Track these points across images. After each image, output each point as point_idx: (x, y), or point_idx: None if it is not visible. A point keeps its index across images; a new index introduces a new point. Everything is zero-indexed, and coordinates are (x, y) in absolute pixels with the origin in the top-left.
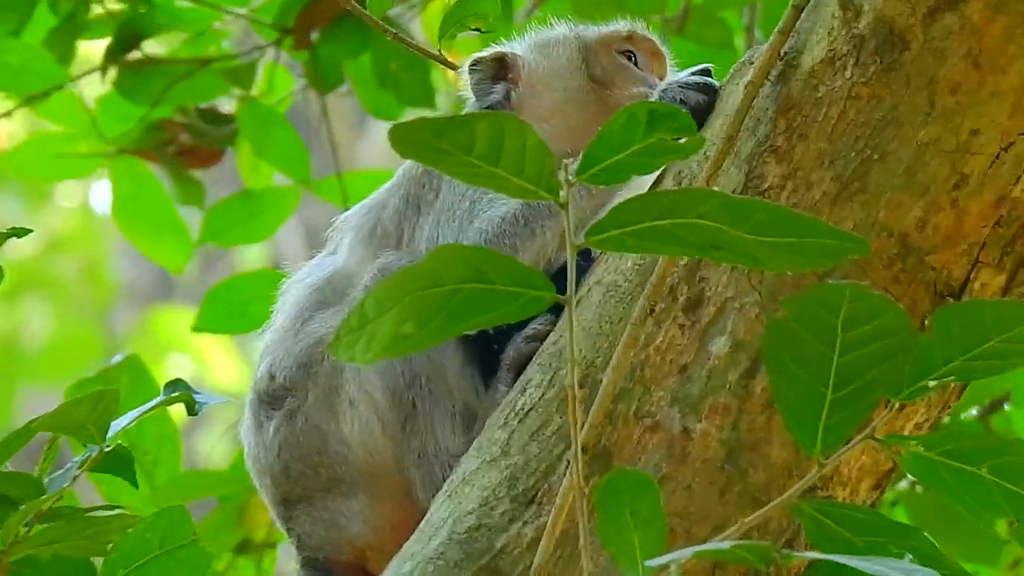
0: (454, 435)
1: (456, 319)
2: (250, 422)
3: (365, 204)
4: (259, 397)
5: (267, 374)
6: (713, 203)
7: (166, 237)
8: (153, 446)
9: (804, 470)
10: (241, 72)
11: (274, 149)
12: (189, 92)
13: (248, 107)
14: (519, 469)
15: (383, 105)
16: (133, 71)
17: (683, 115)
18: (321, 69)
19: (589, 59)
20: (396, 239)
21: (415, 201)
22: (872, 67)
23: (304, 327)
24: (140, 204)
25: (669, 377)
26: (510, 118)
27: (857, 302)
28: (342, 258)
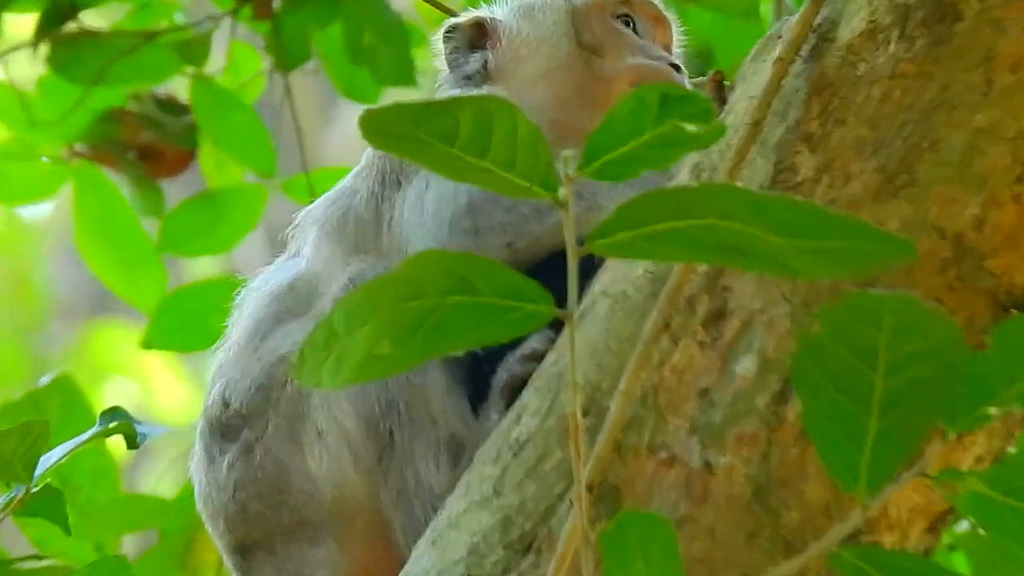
0: (438, 471)
1: (439, 337)
2: (201, 456)
3: (330, 195)
4: (211, 427)
5: (220, 400)
6: (737, 201)
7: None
8: (87, 482)
9: (845, 511)
10: (194, 47)
11: (234, 138)
12: (135, 70)
13: (203, 88)
14: (514, 511)
15: (356, 84)
16: (68, 46)
17: (700, 98)
18: (285, 42)
19: (579, 24)
20: (374, 228)
21: (392, 178)
22: (919, 41)
23: (263, 343)
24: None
25: (687, 402)
26: (499, 101)
27: (904, 315)
28: (306, 259)
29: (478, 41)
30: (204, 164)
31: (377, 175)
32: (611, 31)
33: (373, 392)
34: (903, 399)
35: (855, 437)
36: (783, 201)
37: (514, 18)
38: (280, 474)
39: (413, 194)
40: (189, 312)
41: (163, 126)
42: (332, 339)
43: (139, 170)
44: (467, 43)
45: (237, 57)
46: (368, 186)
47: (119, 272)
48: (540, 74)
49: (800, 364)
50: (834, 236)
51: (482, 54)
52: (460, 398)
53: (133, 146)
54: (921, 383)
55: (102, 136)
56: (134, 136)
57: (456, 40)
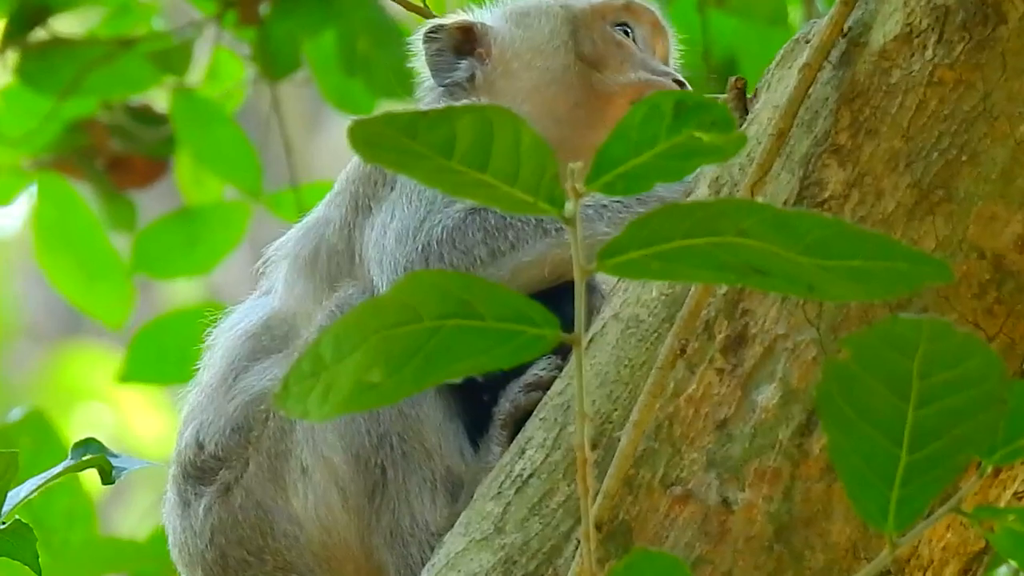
0: (435, 508)
1: (436, 364)
2: (174, 502)
3: (301, 226)
4: (184, 471)
5: (193, 443)
6: (759, 217)
7: (101, 282)
8: (62, 523)
9: (873, 550)
10: (174, 55)
11: (216, 153)
12: (110, 81)
13: (183, 99)
14: (517, 550)
15: (349, 95)
16: (38, 55)
17: (718, 107)
18: (272, 50)
19: (578, 33)
20: (348, 258)
21: (365, 204)
22: (959, 46)
23: (238, 382)
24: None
25: (704, 435)
26: (499, 110)
27: (938, 341)
28: (279, 297)
29: (464, 46)
30: (181, 179)
31: (350, 200)
32: (611, 42)
33: (363, 424)
34: (937, 431)
35: (885, 472)
36: (809, 218)
37: (506, 24)
38: (262, 517)
39: (379, 224)
40: (169, 343)
41: (134, 136)
42: (319, 367)
43: (107, 181)
44: (452, 47)
45: (220, 66)
46: (341, 214)
47: (82, 286)
48: (533, 88)
49: (826, 394)
50: (864, 256)
51: (469, 63)
52: (457, 430)
53: (100, 156)
54: (956, 414)
55: (69, 147)
56: (103, 147)
57: (440, 42)
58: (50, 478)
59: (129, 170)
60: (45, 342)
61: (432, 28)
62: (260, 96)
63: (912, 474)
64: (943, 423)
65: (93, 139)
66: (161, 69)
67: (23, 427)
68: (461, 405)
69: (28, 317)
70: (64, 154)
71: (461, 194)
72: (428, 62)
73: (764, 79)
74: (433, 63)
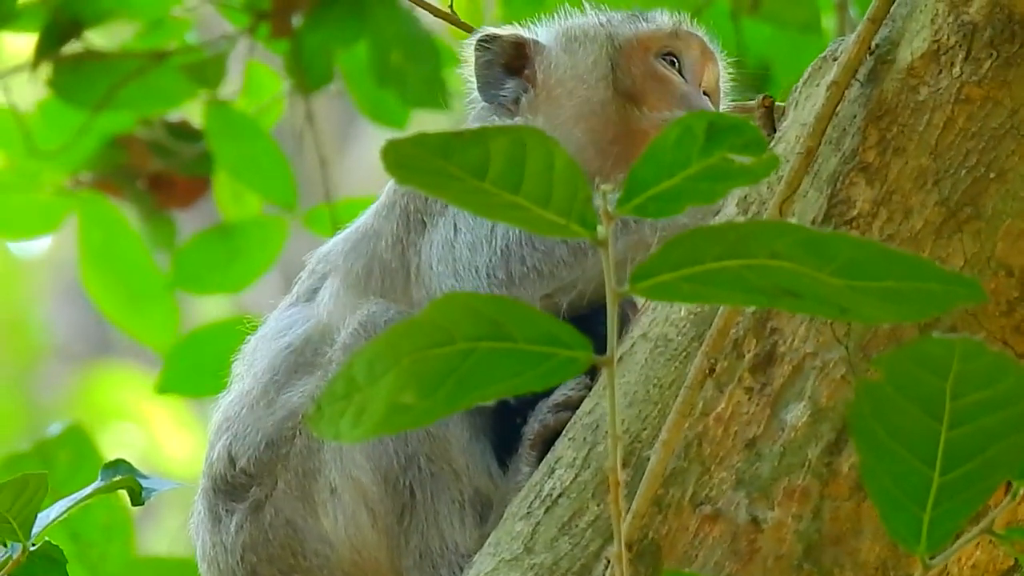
0: (463, 528)
1: (469, 387)
2: (204, 517)
3: (348, 236)
4: (215, 485)
5: (226, 456)
6: (791, 239)
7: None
8: (100, 537)
9: (903, 570)
10: (208, 68)
11: (251, 167)
12: (143, 94)
13: (217, 113)
14: (546, 570)
15: (383, 107)
16: (71, 68)
17: (751, 128)
18: (306, 62)
19: (619, 65)
20: (403, 276)
21: (417, 219)
22: (987, 63)
23: (279, 397)
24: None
25: (733, 454)
26: (533, 132)
27: (970, 361)
28: (325, 309)
29: (515, 63)
30: (219, 194)
31: (401, 215)
32: (652, 76)
33: (391, 445)
34: (970, 451)
35: (917, 492)
36: (841, 239)
37: (556, 46)
38: (292, 536)
39: (440, 240)
40: (204, 355)
41: (174, 153)
42: (352, 389)
43: (149, 200)
44: (503, 62)
45: (254, 79)
46: (391, 228)
47: (128, 309)
48: (575, 118)
49: (858, 414)
50: (896, 277)
51: (517, 85)
52: (484, 450)
53: (142, 175)
54: (988, 434)
55: (108, 164)
56: (143, 164)
57: (492, 54)
58: (80, 499)
59: (171, 189)
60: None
61: (485, 38)
62: (293, 109)
63: (944, 495)
64: (976, 444)
65: (132, 156)
66: (195, 82)
67: (62, 442)
68: (488, 425)
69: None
70: (104, 172)
71: (493, 216)
72: (477, 73)
73: (792, 97)
74: (482, 75)
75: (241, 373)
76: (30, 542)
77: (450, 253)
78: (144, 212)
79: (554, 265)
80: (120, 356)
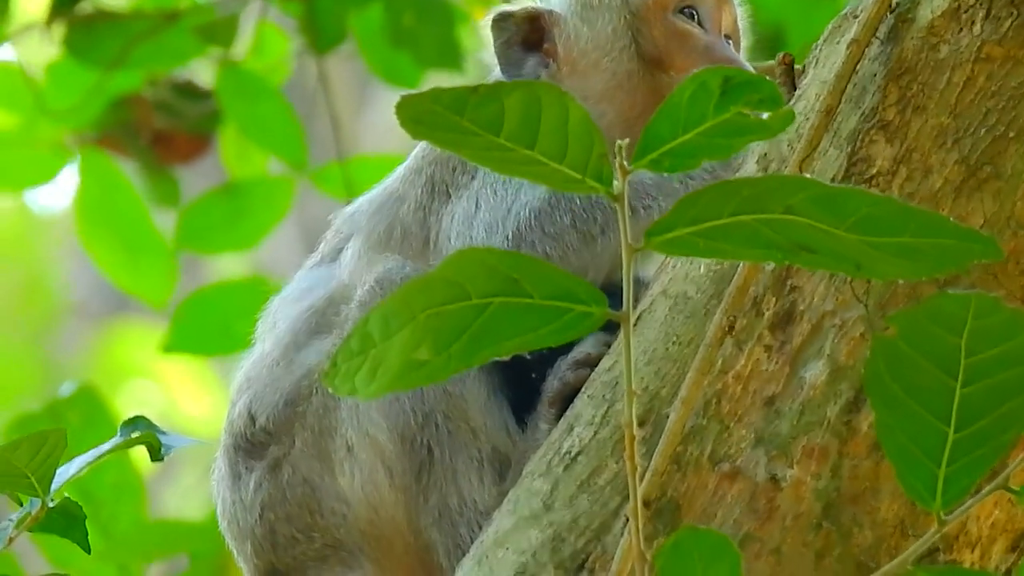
0: (482, 486)
1: (484, 342)
2: (225, 474)
3: (374, 198)
4: (236, 443)
5: (246, 414)
6: (807, 194)
7: (144, 259)
8: (111, 496)
9: (921, 528)
10: (219, 28)
11: (262, 126)
12: (155, 53)
13: (229, 73)
14: (565, 528)
15: (396, 68)
16: (84, 28)
17: (767, 83)
18: (319, 23)
19: (639, 31)
20: (422, 241)
21: (442, 188)
22: (1007, 22)
23: (298, 356)
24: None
25: (752, 412)
26: (548, 87)
27: (986, 318)
28: (347, 270)
29: (533, 35)
30: (225, 153)
31: (426, 183)
32: (674, 35)
33: (407, 403)
34: (984, 408)
35: (932, 449)
36: (857, 195)
37: (571, 16)
38: (309, 494)
39: (461, 214)
40: (213, 315)
41: (178, 111)
42: (367, 345)
43: (150, 157)
44: (521, 37)
45: (265, 39)
46: (416, 194)
47: (125, 265)
48: (603, 91)
49: (874, 371)
50: (913, 233)
51: (538, 59)
52: (502, 408)
53: (144, 132)
54: (1004, 390)
55: (113, 122)
56: (147, 122)
57: (508, 32)
58: (99, 455)
59: (173, 146)
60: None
61: (500, 17)
62: (306, 70)
63: (960, 452)
64: (991, 400)
65: (137, 114)
66: (206, 42)
67: (73, 402)
68: (506, 381)
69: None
70: (108, 130)
71: (509, 171)
72: (497, 53)
73: (812, 55)
74: (503, 56)
75: (263, 334)
76: (49, 498)
77: (468, 230)
78: (146, 169)
79: (564, 250)
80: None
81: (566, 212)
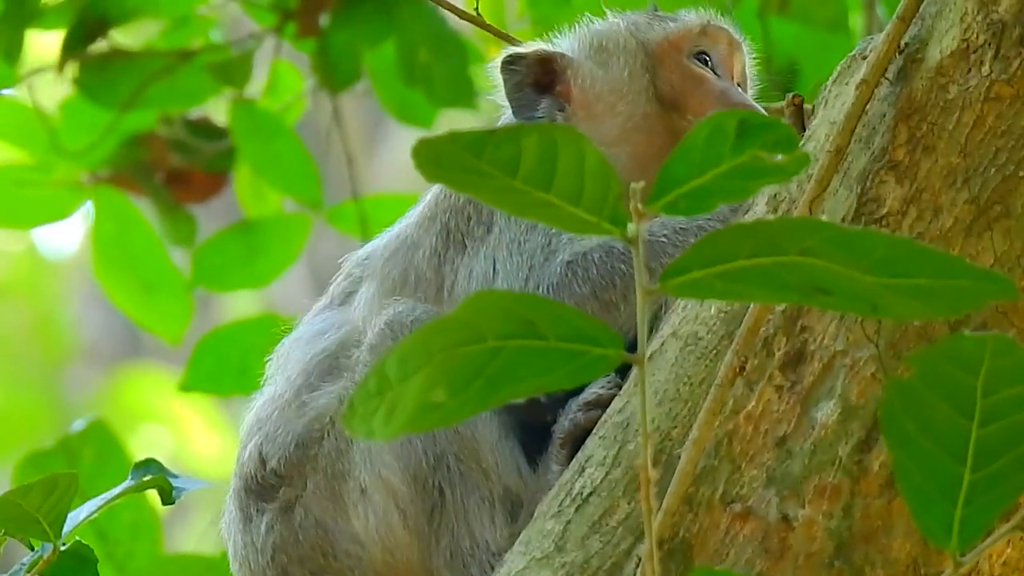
0: (494, 527)
1: (499, 384)
2: (236, 516)
3: (388, 243)
4: (246, 485)
5: (257, 456)
6: (823, 236)
7: (160, 296)
8: (127, 535)
9: (935, 567)
10: (234, 67)
11: (276, 165)
12: (169, 93)
13: (243, 112)
14: (577, 568)
15: (410, 106)
16: (97, 67)
17: (782, 125)
18: (333, 61)
19: (656, 73)
20: (435, 288)
21: (457, 238)
22: (1016, 61)
23: (309, 399)
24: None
25: (764, 452)
26: (565, 130)
27: (1002, 358)
28: (360, 314)
29: (544, 78)
30: (240, 192)
31: (441, 231)
32: (689, 77)
33: (419, 445)
34: (1000, 448)
35: (948, 490)
36: (873, 237)
37: (585, 59)
38: (323, 536)
39: (479, 274)
40: (229, 354)
41: (194, 150)
42: (384, 387)
43: (166, 196)
44: (533, 79)
45: (279, 77)
46: (431, 242)
47: (141, 301)
48: (618, 134)
49: (889, 412)
50: (929, 274)
51: (552, 102)
52: (513, 448)
53: (160, 170)
54: (1020, 430)
55: (127, 161)
56: (162, 160)
57: (519, 75)
58: (110, 499)
59: (188, 184)
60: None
61: (510, 59)
62: (320, 109)
63: (976, 492)
64: (1007, 441)
65: (152, 153)
66: (220, 81)
67: (85, 438)
68: (517, 423)
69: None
70: (123, 168)
71: (525, 214)
72: (508, 95)
73: (821, 96)
74: (514, 98)
75: (274, 375)
76: (60, 541)
77: (486, 287)
78: (162, 208)
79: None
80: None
81: (584, 282)
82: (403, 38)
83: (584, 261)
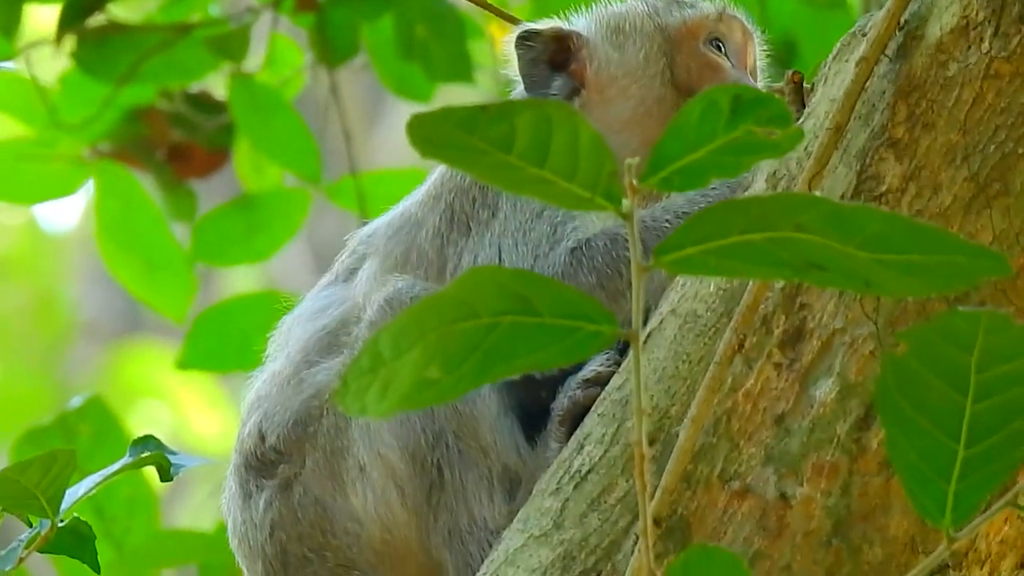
0: (492, 505)
1: (494, 361)
2: (235, 492)
3: (392, 221)
4: (246, 462)
5: (256, 433)
6: (817, 212)
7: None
8: (124, 511)
9: (931, 545)
10: (231, 41)
11: (275, 139)
12: (167, 67)
13: (241, 86)
14: (576, 546)
15: (408, 81)
16: (95, 41)
17: (776, 101)
18: (330, 36)
19: (673, 58)
20: (438, 268)
21: (462, 219)
22: (1016, 38)
23: (309, 375)
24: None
25: (762, 430)
26: (560, 107)
27: (996, 334)
28: (362, 291)
29: (559, 56)
30: (240, 167)
31: (446, 210)
32: (706, 65)
33: (417, 422)
34: (994, 425)
35: (942, 466)
36: (867, 212)
37: (601, 40)
38: (321, 514)
39: (484, 259)
40: (227, 330)
41: (194, 125)
42: (378, 363)
43: (167, 171)
44: (547, 56)
45: (277, 52)
46: (434, 221)
47: (144, 278)
48: (631, 117)
49: (884, 389)
50: (922, 250)
51: (565, 81)
52: (512, 426)
53: (161, 145)
54: (1014, 407)
55: (128, 136)
56: (162, 135)
57: (534, 51)
58: (108, 475)
59: (189, 159)
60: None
61: (525, 34)
62: (318, 83)
63: (969, 469)
64: (1001, 417)
65: (153, 128)
66: (218, 55)
67: (83, 414)
68: (516, 400)
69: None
70: (124, 144)
71: (519, 190)
72: (521, 71)
73: (821, 73)
74: (527, 73)
75: (275, 352)
76: (58, 518)
77: None
78: (163, 183)
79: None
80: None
81: (590, 272)
82: (401, 13)
83: (588, 249)
